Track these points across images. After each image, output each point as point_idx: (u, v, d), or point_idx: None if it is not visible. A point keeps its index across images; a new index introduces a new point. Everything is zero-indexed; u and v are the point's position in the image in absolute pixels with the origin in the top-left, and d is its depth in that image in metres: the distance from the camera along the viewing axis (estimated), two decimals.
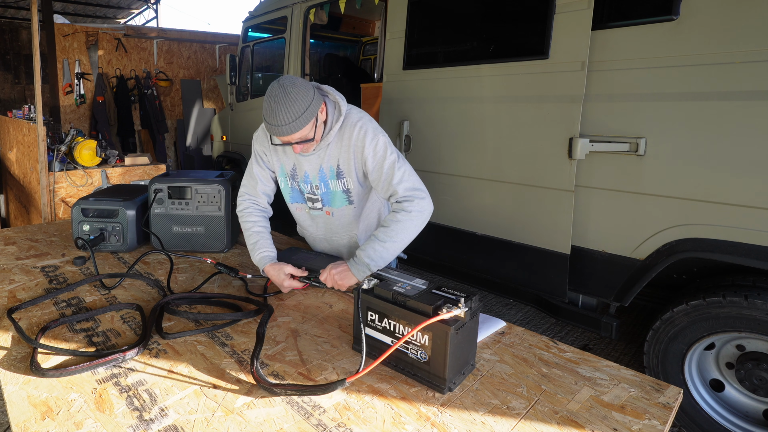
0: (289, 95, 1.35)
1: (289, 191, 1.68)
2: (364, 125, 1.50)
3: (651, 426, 0.88)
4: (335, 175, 1.56)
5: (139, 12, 11.17)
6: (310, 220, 1.71)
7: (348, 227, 1.67)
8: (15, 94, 9.26)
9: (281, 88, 1.36)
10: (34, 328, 1.18)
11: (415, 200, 1.46)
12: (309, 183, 1.60)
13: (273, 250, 1.58)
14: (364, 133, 1.48)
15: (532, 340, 1.20)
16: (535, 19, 2.35)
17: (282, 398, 0.93)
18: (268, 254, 1.55)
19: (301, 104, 1.36)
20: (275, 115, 1.35)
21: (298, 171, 1.61)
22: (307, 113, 1.37)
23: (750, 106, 1.78)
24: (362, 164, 1.52)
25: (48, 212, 3.85)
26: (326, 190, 1.59)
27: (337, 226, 1.67)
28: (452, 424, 0.87)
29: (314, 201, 1.64)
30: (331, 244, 1.74)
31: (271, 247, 1.58)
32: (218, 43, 8.12)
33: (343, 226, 1.67)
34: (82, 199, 1.79)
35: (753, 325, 1.86)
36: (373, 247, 1.43)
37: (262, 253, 1.55)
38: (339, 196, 1.60)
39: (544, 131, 2.33)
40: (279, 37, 4.26)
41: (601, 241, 2.26)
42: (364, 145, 1.48)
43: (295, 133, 1.39)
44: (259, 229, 1.61)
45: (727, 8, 1.82)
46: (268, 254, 1.55)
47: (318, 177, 1.58)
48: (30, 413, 0.86)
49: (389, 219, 1.47)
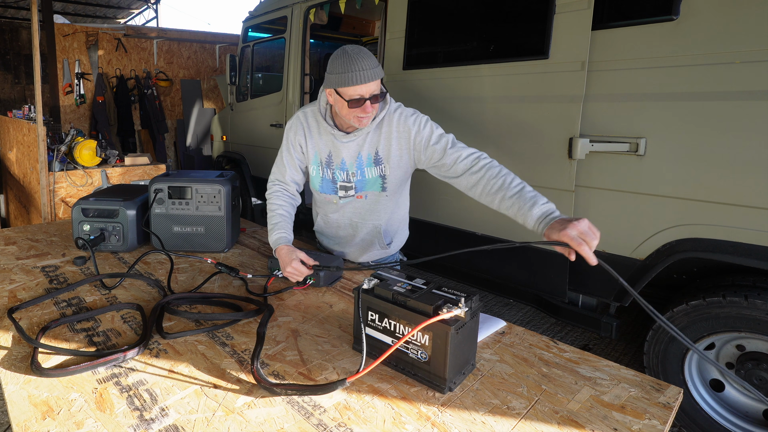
0: (363, 50, 1.41)
1: (320, 180, 1.67)
2: (403, 111, 1.56)
3: (651, 426, 0.88)
4: (373, 161, 1.58)
5: (139, 12, 11.18)
6: (337, 208, 1.70)
7: (375, 215, 1.67)
8: (15, 94, 9.27)
9: (353, 47, 1.42)
10: (34, 328, 1.18)
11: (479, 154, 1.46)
12: (345, 170, 1.61)
13: (290, 234, 1.59)
14: (406, 117, 1.53)
15: (532, 340, 1.20)
16: (535, 19, 2.35)
17: (282, 398, 0.93)
18: (284, 236, 1.56)
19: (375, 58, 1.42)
20: (357, 61, 1.38)
21: (334, 158, 1.61)
22: (381, 68, 1.43)
23: (750, 106, 1.78)
24: (412, 145, 1.53)
25: (48, 212, 3.85)
26: (361, 177, 1.60)
27: (366, 212, 1.67)
28: (452, 424, 0.87)
29: (347, 189, 1.63)
30: (355, 229, 1.71)
31: (289, 231, 1.59)
32: (218, 43, 8.12)
33: (371, 212, 1.66)
34: (82, 199, 1.79)
35: (753, 325, 1.86)
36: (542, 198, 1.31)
37: (278, 234, 1.56)
38: (374, 182, 1.61)
39: (544, 131, 2.33)
40: (279, 37, 4.26)
41: (601, 241, 2.25)
42: (408, 126, 1.52)
43: (377, 80, 1.41)
44: (283, 213, 1.63)
45: (727, 8, 1.82)
46: (284, 236, 1.56)
47: (355, 164, 1.58)
48: (30, 413, 0.87)
49: (506, 176, 1.39)
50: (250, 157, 4.75)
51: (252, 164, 4.75)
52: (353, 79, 1.38)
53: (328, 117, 1.59)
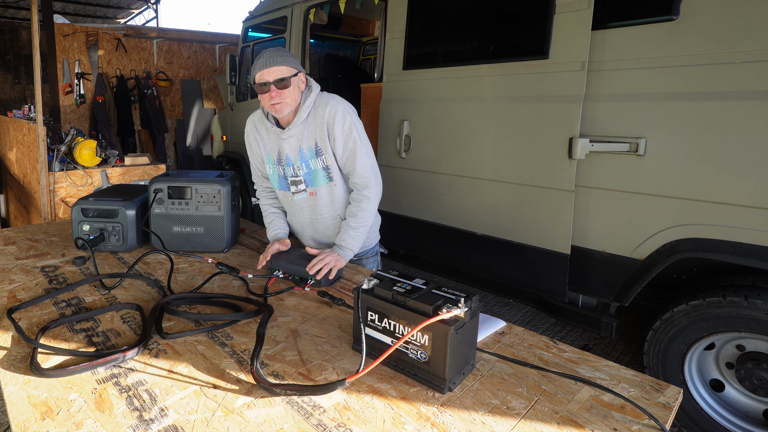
0: (279, 48, 1.61)
1: (276, 179, 1.78)
2: (334, 105, 1.63)
3: (651, 426, 0.88)
4: (314, 153, 1.67)
5: (139, 12, 11.17)
6: (295, 207, 1.80)
7: (331, 207, 1.75)
8: (15, 94, 9.27)
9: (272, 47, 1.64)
10: (34, 328, 1.18)
11: (371, 186, 1.67)
12: (291, 165, 1.71)
13: (284, 229, 1.82)
14: (335, 112, 1.61)
15: (532, 340, 1.20)
16: (535, 19, 2.35)
17: (282, 398, 0.93)
18: (276, 232, 1.81)
19: (288, 53, 1.59)
20: (265, 54, 1.56)
21: (281, 155, 1.72)
22: (290, 59, 1.57)
23: (750, 106, 1.78)
24: (332, 142, 1.64)
25: (48, 212, 3.85)
26: (308, 170, 1.70)
27: (321, 206, 1.75)
28: (452, 424, 0.87)
29: (297, 183, 1.73)
30: (317, 230, 1.81)
31: (282, 226, 1.83)
32: (218, 43, 8.11)
33: (326, 205, 1.75)
34: (82, 199, 1.79)
35: (753, 325, 1.86)
36: (349, 234, 1.66)
37: (273, 231, 1.81)
38: (320, 174, 1.70)
39: (544, 131, 2.33)
40: (279, 37, 4.26)
41: (601, 241, 2.26)
42: (334, 122, 1.61)
43: (276, 67, 1.54)
44: (274, 210, 1.87)
45: (727, 8, 1.82)
46: (276, 232, 1.81)
47: (299, 158, 1.68)
48: (30, 413, 0.86)
49: (355, 208, 1.67)
50: None
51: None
52: (257, 67, 1.57)
53: (270, 116, 1.72)
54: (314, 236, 1.84)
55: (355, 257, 1.88)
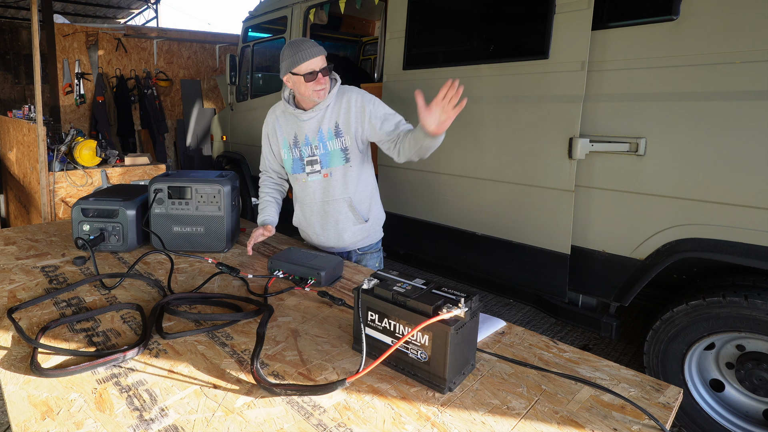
0: (305, 38, 1.70)
1: (291, 162, 1.85)
2: (360, 91, 1.79)
3: (651, 426, 0.88)
4: (334, 134, 1.76)
5: (139, 12, 11.18)
6: (308, 189, 1.85)
7: (344, 189, 1.81)
8: (15, 94, 9.27)
9: (295, 38, 1.72)
10: (34, 328, 1.18)
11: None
12: (309, 145, 1.79)
13: (272, 216, 1.91)
14: (362, 96, 1.76)
15: (532, 340, 1.20)
16: (535, 19, 2.35)
17: (282, 398, 0.93)
18: (265, 218, 1.90)
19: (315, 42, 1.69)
20: (301, 45, 1.65)
21: (299, 137, 1.81)
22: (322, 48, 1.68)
23: (750, 106, 1.78)
24: (367, 119, 1.73)
25: (48, 212, 3.85)
26: (324, 150, 1.78)
27: (334, 188, 1.81)
28: (452, 424, 0.87)
29: (313, 163, 1.81)
30: (327, 213, 1.85)
31: (272, 213, 1.92)
32: (218, 43, 8.12)
33: (339, 186, 1.81)
34: (82, 199, 1.79)
35: (753, 325, 1.86)
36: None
37: (263, 217, 1.91)
38: (337, 156, 1.77)
39: (544, 131, 2.33)
40: (279, 37, 4.26)
41: (601, 241, 2.26)
42: (364, 104, 1.74)
43: (320, 56, 1.66)
44: (269, 199, 1.96)
45: (727, 8, 1.82)
46: (265, 218, 1.90)
47: (317, 138, 1.77)
48: (30, 413, 0.86)
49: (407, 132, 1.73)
50: (250, 157, 4.75)
51: (252, 164, 4.75)
52: (303, 58, 1.65)
53: (292, 101, 1.82)
54: (322, 222, 1.87)
55: (359, 252, 1.95)
